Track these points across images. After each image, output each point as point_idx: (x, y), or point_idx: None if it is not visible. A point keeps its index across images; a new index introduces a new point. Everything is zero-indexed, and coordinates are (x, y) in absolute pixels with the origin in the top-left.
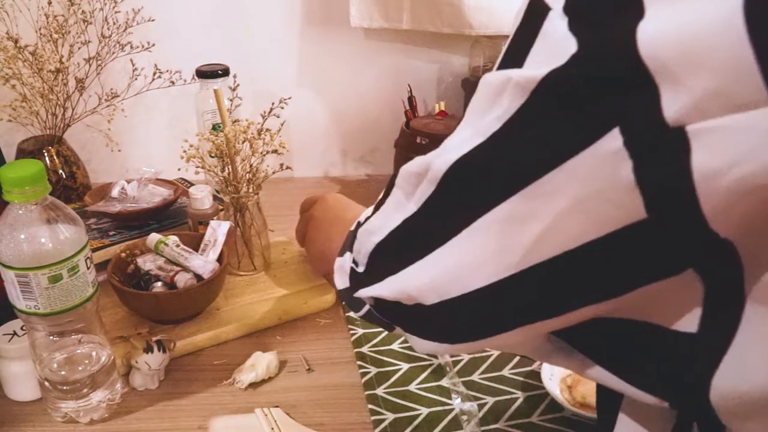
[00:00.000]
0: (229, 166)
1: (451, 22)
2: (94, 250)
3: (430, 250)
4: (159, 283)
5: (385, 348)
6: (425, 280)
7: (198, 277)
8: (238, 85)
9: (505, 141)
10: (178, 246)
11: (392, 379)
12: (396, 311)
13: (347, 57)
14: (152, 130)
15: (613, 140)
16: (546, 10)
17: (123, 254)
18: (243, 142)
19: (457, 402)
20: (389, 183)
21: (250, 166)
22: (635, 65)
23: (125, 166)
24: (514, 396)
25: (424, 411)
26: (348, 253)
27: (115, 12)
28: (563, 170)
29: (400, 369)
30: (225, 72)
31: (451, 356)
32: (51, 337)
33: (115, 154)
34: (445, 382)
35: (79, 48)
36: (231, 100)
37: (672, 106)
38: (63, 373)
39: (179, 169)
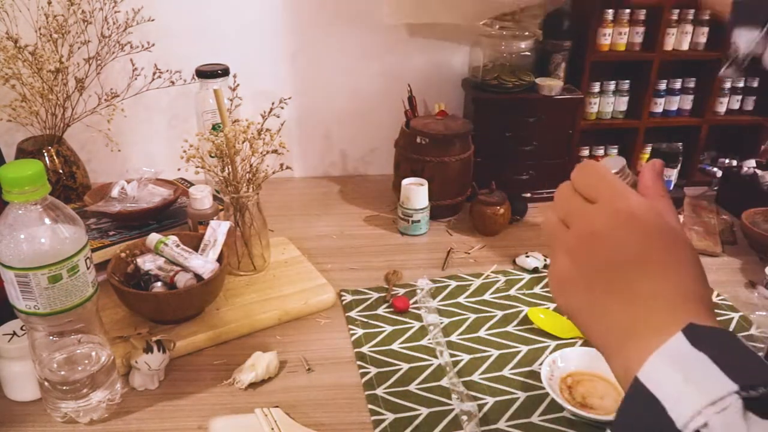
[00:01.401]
0: (229, 166)
1: None
2: (94, 250)
3: None
4: (159, 283)
5: (385, 348)
6: None
7: (198, 277)
8: (238, 85)
9: None
10: (178, 246)
11: (392, 379)
12: None
13: (347, 57)
14: (152, 130)
15: None
16: None
17: (123, 254)
18: (243, 142)
19: (457, 402)
20: None
21: (250, 166)
22: None
23: (125, 166)
24: (514, 396)
25: (424, 411)
26: None
27: (115, 12)
28: None
29: (400, 369)
30: (225, 72)
31: (451, 356)
32: (51, 337)
33: (115, 154)
34: (445, 382)
35: (79, 48)
36: (231, 100)
37: None
38: (63, 373)
39: (179, 169)
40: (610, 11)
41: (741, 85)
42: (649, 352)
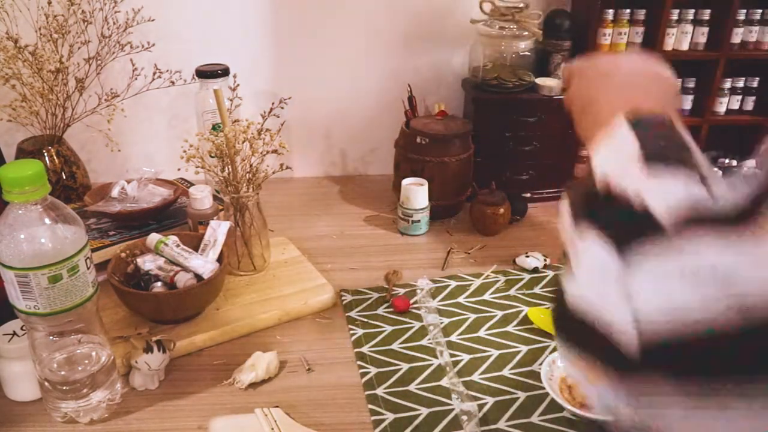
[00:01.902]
0: (229, 166)
1: None
2: (94, 250)
3: None
4: (159, 283)
5: (385, 348)
6: None
7: (198, 277)
8: (238, 85)
9: None
10: (178, 246)
11: (392, 379)
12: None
13: (347, 57)
14: (152, 130)
15: None
16: None
17: (123, 254)
18: (243, 142)
19: (457, 402)
20: None
21: (250, 166)
22: None
23: (125, 166)
24: (514, 396)
25: (424, 411)
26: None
27: (115, 12)
28: None
29: (400, 369)
30: (225, 72)
31: (451, 356)
32: (51, 337)
33: (115, 154)
34: (445, 382)
35: (79, 48)
36: (231, 100)
37: None
38: (63, 373)
39: (179, 169)
40: (610, 11)
41: (741, 85)
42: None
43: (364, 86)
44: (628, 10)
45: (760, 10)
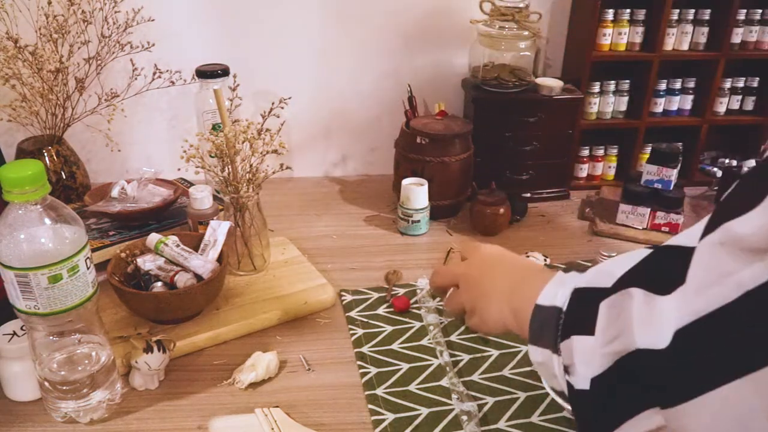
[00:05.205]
0: (229, 166)
1: None
2: (94, 250)
3: None
4: (159, 283)
5: (385, 348)
6: None
7: (198, 277)
8: (238, 85)
9: None
10: (178, 246)
11: (392, 379)
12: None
13: (347, 57)
14: (152, 130)
15: None
16: None
17: (123, 254)
18: (243, 142)
19: (457, 402)
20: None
21: (250, 166)
22: None
23: (125, 166)
24: (514, 396)
25: (424, 411)
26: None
27: (115, 12)
28: None
29: (400, 369)
30: (225, 72)
31: (451, 356)
32: (51, 337)
33: (115, 154)
34: (445, 382)
35: (79, 48)
36: (231, 100)
37: None
38: (63, 373)
39: (179, 169)
40: (610, 11)
41: (741, 85)
42: (535, 293)
43: (364, 86)
44: (628, 10)
45: (760, 10)
